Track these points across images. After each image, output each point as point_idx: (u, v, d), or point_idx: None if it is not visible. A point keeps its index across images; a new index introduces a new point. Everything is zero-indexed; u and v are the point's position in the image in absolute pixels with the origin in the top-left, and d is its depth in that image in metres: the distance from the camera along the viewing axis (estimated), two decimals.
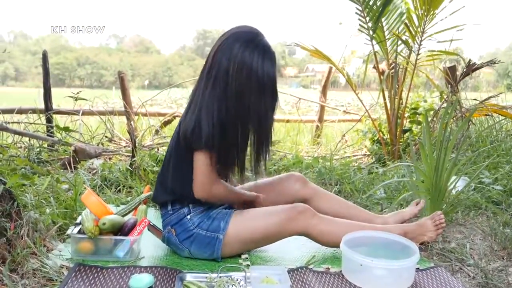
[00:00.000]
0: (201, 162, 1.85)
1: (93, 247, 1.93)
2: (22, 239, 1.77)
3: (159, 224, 2.07)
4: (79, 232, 1.95)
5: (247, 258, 2.07)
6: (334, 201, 2.31)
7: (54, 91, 5.20)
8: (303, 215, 1.99)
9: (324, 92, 6.61)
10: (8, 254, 1.70)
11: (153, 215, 2.54)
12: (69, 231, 1.94)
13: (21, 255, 1.72)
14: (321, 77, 6.86)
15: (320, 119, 6.54)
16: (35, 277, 1.67)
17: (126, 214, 2.14)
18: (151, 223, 2.02)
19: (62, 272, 1.75)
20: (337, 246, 1.97)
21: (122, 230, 2.00)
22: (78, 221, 2.04)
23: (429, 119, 4.46)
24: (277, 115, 6.83)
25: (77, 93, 4.66)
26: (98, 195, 2.87)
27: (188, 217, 1.97)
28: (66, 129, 4.61)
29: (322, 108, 6.58)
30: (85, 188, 2.13)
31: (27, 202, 2.01)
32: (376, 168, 3.86)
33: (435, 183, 2.53)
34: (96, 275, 1.76)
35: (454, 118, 4.04)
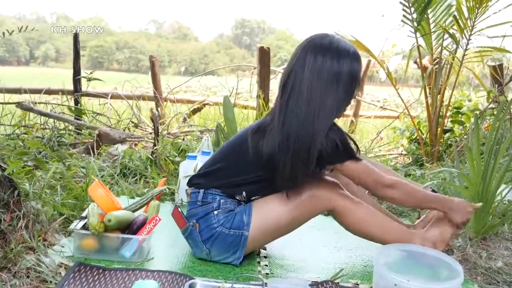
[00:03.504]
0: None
1: (98, 245, 1.76)
2: (18, 232, 1.60)
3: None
4: (84, 227, 1.78)
5: (266, 265, 1.88)
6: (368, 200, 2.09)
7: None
8: (334, 189, 1.86)
9: (361, 86, 6.32)
10: (0, 249, 1.53)
11: (169, 211, 2.35)
12: (72, 226, 1.78)
13: (15, 251, 1.56)
14: None
15: (355, 114, 6.26)
16: (28, 277, 1.51)
17: (136, 210, 1.96)
18: (179, 209, 1.85)
19: (59, 273, 1.58)
20: (362, 235, 1.89)
21: (130, 227, 1.82)
22: (84, 214, 1.88)
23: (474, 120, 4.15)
24: None
25: (91, 72, 4.52)
26: (114, 185, 2.73)
27: (215, 212, 1.81)
28: (79, 111, 4.48)
29: (358, 102, 6.31)
30: (93, 179, 1.95)
31: (28, 190, 1.84)
32: (414, 170, 3.59)
33: (481, 191, 2.27)
34: (96, 277, 1.59)
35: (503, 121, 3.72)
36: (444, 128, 4.19)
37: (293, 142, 1.70)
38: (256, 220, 1.79)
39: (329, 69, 1.71)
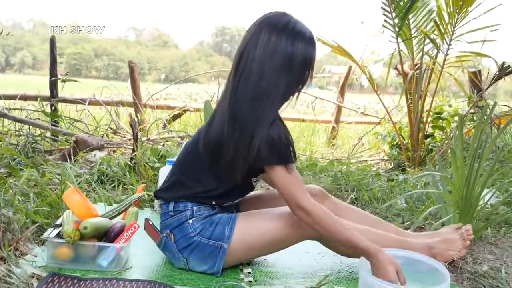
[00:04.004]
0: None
1: (73, 253, 1.67)
2: None
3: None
4: (58, 235, 1.70)
5: (249, 273, 1.81)
6: (359, 215, 2.02)
7: (70, 83, 4.97)
8: None
9: (342, 92, 6.32)
10: None
11: (149, 215, 2.28)
12: (45, 234, 1.69)
13: None
14: (338, 78, 6.62)
15: (337, 120, 6.25)
16: None
17: (114, 217, 1.88)
18: (149, 222, 1.77)
19: (31, 284, 1.50)
20: (353, 256, 1.79)
21: (107, 235, 1.74)
22: (58, 222, 1.79)
23: (455, 125, 4.17)
24: (292, 114, 6.64)
25: (65, 74, 4.42)
26: (91, 192, 2.64)
27: (190, 221, 1.72)
28: (54, 115, 4.36)
29: (339, 108, 6.30)
30: (69, 185, 1.87)
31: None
32: (396, 174, 3.57)
33: (465, 196, 2.25)
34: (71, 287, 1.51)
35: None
36: (425, 133, 4.19)
37: (239, 125, 1.62)
38: (238, 234, 1.72)
39: (282, 50, 1.62)
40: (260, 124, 1.60)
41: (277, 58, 1.61)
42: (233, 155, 1.63)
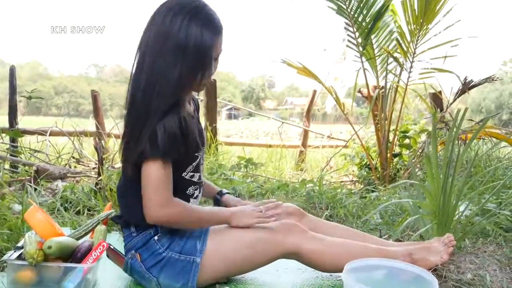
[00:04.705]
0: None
1: (36, 276, 1.54)
2: None
3: (122, 249, 1.71)
4: (20, 257, 1.57)
5: None
6: (338, 230, 1.95)
7: (30, 119, 4.84)
8: (294, 229, 1.69)
9: (307, 116, 6.36)
10: None
11: (117, 240, 2.16)
12: (5, 257, 1.56)
13: None
14: (300, 110, 6.71)
15: (304, 145, 6.25)
16: None
17: (81, 237, 1.76)
18: (110, 246, 1.65)
19: None
20: (335, 270, 1.71)
21: (74, 255, 1.61)
22: (20, 244, 1.66)
23: (421, 144, 4.21)
24: (259, 140, 6.61)
25: (32, 91, 4.29)
26: (55, 218, 2.50)
27: (156, 237, 1.62)
28: (16, 133, 4.17)
29: (306, 133, 6.32)
30: (31, 203, 1.74)
31: None
32: (368, 192, 3.54)
33: (442, 205, 2.22)
34: None
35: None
36: (393, 153, 4.21)
37: (133, 117, 1.53)
38: (212, 246, 1.63)
39: (175, 34, 1.48)
40: (149, 118, 1.48)
41: (169, 43, 1.49)
42: (124, 149, 1.56)
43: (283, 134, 7.67)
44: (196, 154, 1.67)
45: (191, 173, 1.68)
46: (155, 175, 1.49)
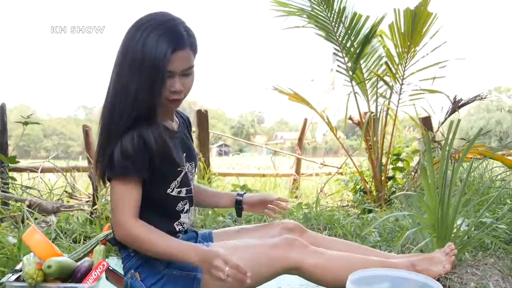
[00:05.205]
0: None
1: None
2: None
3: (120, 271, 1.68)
4: (18, 279, 1.54)
5: None
6: (340, 244, 1.93)
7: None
8: (295, 244, 1.66)
9: (300, 145, 6.39)
10: None
11: (115, 264, 2.12)
12: (4, 279, 1.53)
13: None
14: (290, 144, 6.77)
15: (297, 172, 6.26)
16: None
17: (80, 259, 1.73)
18: (109, 267, 1.63)
19: None
20: (337, 284, 1.64)
21: (73, 275, 1.59)
22: (18, 267, 1.63)
23: (415, 162, 4.24)
24: (252, 170, 6.60)
25: (28, 116, 4.28)
26: None
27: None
28: (12, 160, 4.11)
29: (299, 161, 6.33)
30: (29, 224, 1.72)
31: None
32: (364, 212, 3.55)
33: (441, 218, 2.22)
34: None
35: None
36: (387, 176, 4.22)
37: (101, 137, 1.52)
38: None
39: (133, 48, 1.44)
40: (111, 136, 1.48)
41: (128, 58, 1.45)
42: (95, 169, 1.55)
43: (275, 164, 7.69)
44: (179, 169, 1.62)
45: (178, 189, 1.65)
46: (115, 194, 1.49)
